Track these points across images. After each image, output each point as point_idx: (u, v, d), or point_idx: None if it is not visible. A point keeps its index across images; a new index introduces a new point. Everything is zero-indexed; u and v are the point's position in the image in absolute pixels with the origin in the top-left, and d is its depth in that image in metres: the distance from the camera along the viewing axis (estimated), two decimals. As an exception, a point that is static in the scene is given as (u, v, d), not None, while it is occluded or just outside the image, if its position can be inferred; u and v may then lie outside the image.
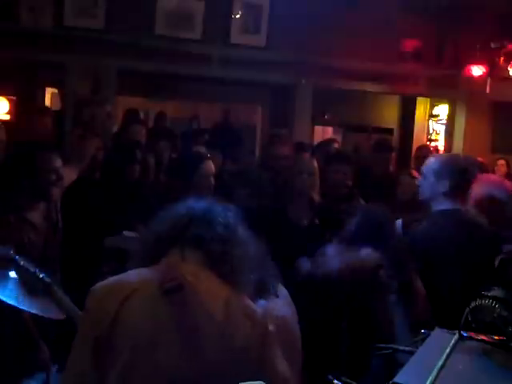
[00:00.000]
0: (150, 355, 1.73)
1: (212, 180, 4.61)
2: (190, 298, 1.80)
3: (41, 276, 2.51)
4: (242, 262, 1.91)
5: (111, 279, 1.89)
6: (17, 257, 2.66)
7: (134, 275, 1.87)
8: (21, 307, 2.56)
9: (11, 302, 2.51)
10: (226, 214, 1.99)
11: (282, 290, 2.55)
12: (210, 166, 4.64)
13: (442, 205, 3.74)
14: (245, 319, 1.82)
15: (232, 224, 1.97)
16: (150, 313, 1.76)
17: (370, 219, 3.47)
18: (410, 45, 8.63)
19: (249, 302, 1.88)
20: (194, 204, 2.01)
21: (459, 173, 3.77)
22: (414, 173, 5.64)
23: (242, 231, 1.98)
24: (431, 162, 3.90)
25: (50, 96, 9.92)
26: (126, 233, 3.91)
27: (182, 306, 1.78)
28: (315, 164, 4.95)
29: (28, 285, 2.71)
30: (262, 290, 2.16)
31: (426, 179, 3.85)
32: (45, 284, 2.45)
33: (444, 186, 3.73)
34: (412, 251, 3.46)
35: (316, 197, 4.96)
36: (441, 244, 3.57)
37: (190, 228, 1.92)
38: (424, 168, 3.92)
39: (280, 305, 2.36)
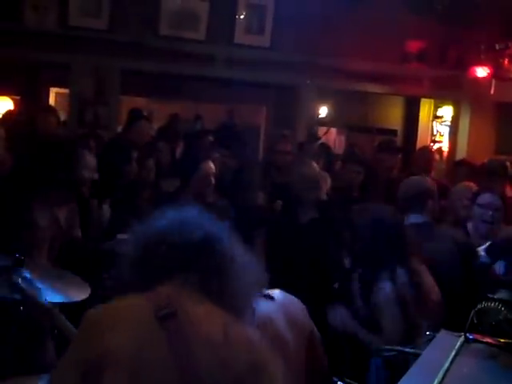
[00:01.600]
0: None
1: (212, 180, 4.62)
2: (186, 324, 1.75)
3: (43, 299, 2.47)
4: (239, 289, 1.88)
5: (104, 306, 1.84)
6: (19, 280, 2.65)
7: (126, 303, 1.81)
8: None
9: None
10: (222, 238, 1.91)
11: (280, 293, 2.56)
12: (210, 166, 4.66)
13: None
14: (243, 346, 1.78)
15: (229, 251, 1.89)
16: (142, 341, 1.71)
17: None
18: (414, 46, 8.61)
19: (247, 328, 1.86)
20: (190, 226, 1.90)
21: None
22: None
23: (239, 255, 1.91)
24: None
25: (53, 96, 9.92)
26: (120, 236, 3.87)
27: (177, 333, 1.73)
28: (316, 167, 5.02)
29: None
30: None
31: None
32: (46, 308, 2.41)
33: None
34: None
35: (323, 196, 5.01)
36: None
37: (186, 256, 1.85)
38: None
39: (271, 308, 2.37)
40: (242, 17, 7.78)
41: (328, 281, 3.86)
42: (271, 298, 2.52)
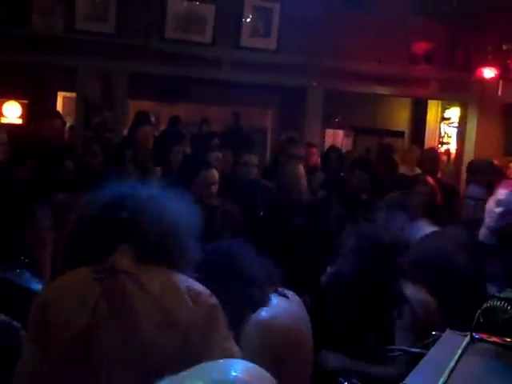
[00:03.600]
0: (85, 340, 1.76)
1: (213, 188, 4.53)
2: (124, 281, 1.84)
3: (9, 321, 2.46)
4: (178, 247, 1.96)
5: (48, 286, 1.99)
6: None
7: (69, 276, 1.92)
8: None
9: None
10: (165, 201, 2.00)
11: (294, 296, 2.57)
12: (212, 175, 4.57)
13: None
14: (187, 298, 1.85)
15: (165, 210, 1.98)
16: (80, 298, 1.81)
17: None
18: (421, 47, 8.60)
19: (192, 282, 1.92)
20: (131, 192, 2.01)
21: None
22: (429, 179, 5.61)
23: (182, 218, 2.00)
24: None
25: (61, 100, 9.96)
26: None
27: (114, 289, 1.83)
28: (300, 168, 5.07)
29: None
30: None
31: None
32: (14, 328, 2.41)
33: None
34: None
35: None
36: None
37: (126, 226, 1.94)
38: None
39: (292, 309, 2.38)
40: (248, 20, 7.78)
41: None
42: (286, 296, 2.53)
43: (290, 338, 2.41)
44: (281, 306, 2.47)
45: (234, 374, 1.04)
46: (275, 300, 2.48)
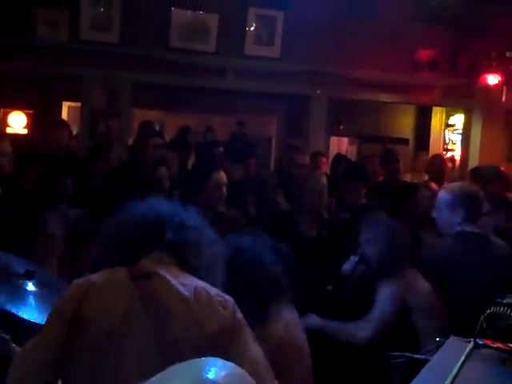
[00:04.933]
0: (118, 343, 1.82)
1: (224, 190, 4.61)
2: (159, 285, 1.90)
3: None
4: (209, 261, 2.05)
5: (88, 277, 2.03)
6: None
7: (109, 272, 2.00)
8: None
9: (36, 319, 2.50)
10: (192, 215, 2.11)
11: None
12: (222, 176, 4.65)
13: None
14: (217, 305, 1.90)
15: (200, 227, 2.09)
16: (116, 295, 1.89)
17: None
18: (425, 54, 8.60)
19: (217, 290, 1.97)
20: (160, 206, 2.10)
21: (472, 201, 3.82)
22: (433, 185, 5.61)
23: (208, 232, 2.10)
24: (443, 194, 3.94)
25: (66, 109, 9.99)
26: None
27: (150, 292, 1.89)
28: (325, 181, 5.06)
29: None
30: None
31: (441, 212, 3.89)
32: (3, 340, 2.41)
33: (459, 216, 3.78)
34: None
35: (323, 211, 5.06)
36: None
37: (161, 233, 2.02)
38: (437, 202, 3.97)
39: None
40: (251, 28, 7.80)
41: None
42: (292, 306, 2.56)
43: (284, 351, 2.42)
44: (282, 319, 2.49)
45: (207, 375, 1.04)
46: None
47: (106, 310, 1.87)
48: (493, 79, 8.45)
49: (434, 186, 5.55)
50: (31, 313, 2.61)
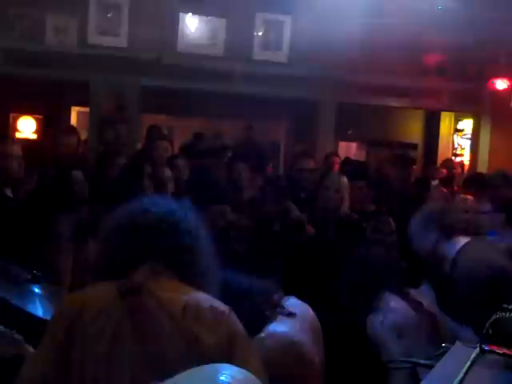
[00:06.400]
0: (108, 362, 1.80)
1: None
2: (149, 299, 1.86)
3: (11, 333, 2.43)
4: (205, 266, 1.99)
5: (73, 294, 2.03)
6: None
7: (97, 288, 1.97)
8: None
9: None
10: (186, 218, 2.03)
11: (304, 309, 2.55)
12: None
13: None
14: (209, 318, 1.85)
15: (194, 230, 2.02)
16: (106, 319, 1.84)
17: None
18: (433, 59, 8.59)
19: (213, 300, 1.92)
20: (153, 208, 2.03)
21: None
22: (443, 188, 5.61)
23: (202, 234, 2.04)
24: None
25: (75, 114, 10.03)
26: None
27: (140, 308, 1.85)
28: (344, 179, 5.01)
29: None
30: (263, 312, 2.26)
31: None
32: (16, 341, 2.40)
33: None
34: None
35: (344, 211, 5.00)
36: None
37: (152, 241, 1.97)
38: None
39: (295, 328, 2.36)
40: (259, 33, 7.82)
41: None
42: (292, 314, 2.51)
43: (286, 356, 2.39)
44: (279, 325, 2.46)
45: (221, 378, 1.04)
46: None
47: (96, 332, 1.84)
48: (501, 84, 8.44)
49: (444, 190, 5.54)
50: (37, 310, 2.63)
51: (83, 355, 1.82)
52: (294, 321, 2.50)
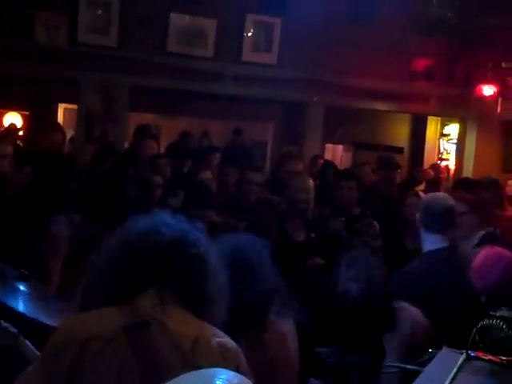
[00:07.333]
0: None
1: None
2: (156, 334, 1.76)
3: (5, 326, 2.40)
4: (214, 294, 1.89)
5: (78, 317, 1.90)
6: None
7: (99, 314, 1.85)
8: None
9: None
10: (197, 241, 1.90)
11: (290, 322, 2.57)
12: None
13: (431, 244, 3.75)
14: (217, 356, 1.79)
15: (204, 255, 1.90)
16: (112, 352, 1.74)
17: None
18: (421, 64, 8.65)
19: (222, 335, 1.85)
20: (164, 229, 1.89)
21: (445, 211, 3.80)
22: (421, 193, 5.64)
23: (213, 259, 1.92)
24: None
25: (62, 111, 9.99)
26: None
27: (145, 343, 1.75)
28: (310, 182, 5.03)
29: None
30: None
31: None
32: (11, 335, 2.39)
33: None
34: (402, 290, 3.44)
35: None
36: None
37: (161, 265, 1.85)
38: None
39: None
40: (249, 34, 7.83)
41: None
42: (284, 316, 2.54)
43: (278, 364, 2.42)
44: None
45: (217, 382, 1.06)
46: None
47: (101, 366, 1.73)
48: (488, 90, 8.50)
49: (422, 194, 5.57)
50: (23, 307, 2.63)
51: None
52: (285, 321, 2.54)
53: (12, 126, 8.85)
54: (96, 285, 1.95)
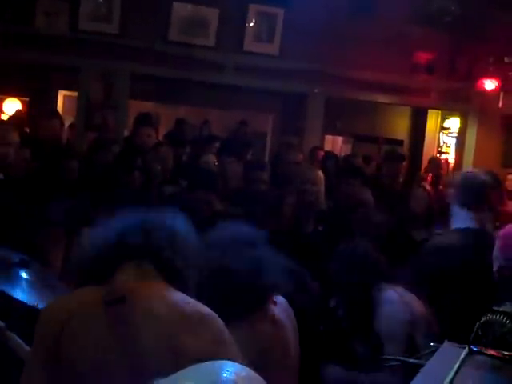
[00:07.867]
0: (96, 372, 1.80)
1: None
2: (135, 307, 1.84)
3: None
4: (185, 262, 1.98)
5: (57, 300, 2.02)
6: None
7: (80, 295, 1.94)
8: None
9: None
10: (176, 220, 2.04)
11: (280, 299, 2.59)
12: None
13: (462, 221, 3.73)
14: (193, 322, 1.85)
15: (184, 231, 2.02)
16: (90, 333, 1.83)
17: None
18: (422, 57, 8.63)
19: (196, 303, 1.91)
20: (133, 214, 2.03)
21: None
22: (427, 186, 5.64)
23: (181, 232, 2.02)
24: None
25: (62, 98, 9.95)
26: None
27: (124, 317, 1.83)
28: (320, 174, 5.00)
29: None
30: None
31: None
32: None
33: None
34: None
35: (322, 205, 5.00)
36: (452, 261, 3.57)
37: (140, 238, 1.95)
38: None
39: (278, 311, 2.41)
40: (251, 24, 7.81)
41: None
42: (275, 302, 2.54)
43: (273, 350, 2.41)
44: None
45: (224, 375, 1.06)
46: None
47: (83, 341, 1.83)
48: (490, 84, 8.48)
49: (428, 187, 5.58)
50: (24, 296, 2.63)
51: (72, 363, 1.81)
52: (278, 307, 2.52)
53: (18, 113, 8.79)
54: (77, 265, 2.04)
